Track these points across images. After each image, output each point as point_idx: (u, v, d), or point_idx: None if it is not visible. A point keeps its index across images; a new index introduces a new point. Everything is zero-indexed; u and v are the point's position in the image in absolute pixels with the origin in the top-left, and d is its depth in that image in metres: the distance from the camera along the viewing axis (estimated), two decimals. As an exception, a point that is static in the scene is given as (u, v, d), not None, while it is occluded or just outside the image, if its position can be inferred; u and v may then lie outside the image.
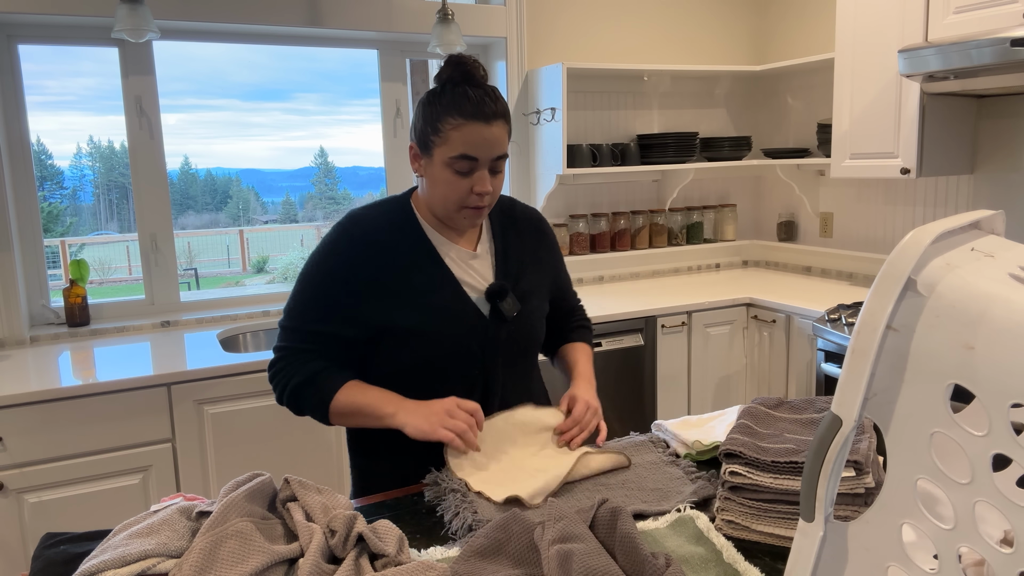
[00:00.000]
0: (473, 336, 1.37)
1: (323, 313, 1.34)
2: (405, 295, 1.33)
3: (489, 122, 1.27)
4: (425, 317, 1.33)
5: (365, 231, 1.36)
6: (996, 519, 0.71)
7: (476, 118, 1.26)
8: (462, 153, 1.27)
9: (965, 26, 2.36)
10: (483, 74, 1.32)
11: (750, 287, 3.20)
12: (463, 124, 1.26)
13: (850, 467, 0.99)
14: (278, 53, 2.73)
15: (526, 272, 1.45)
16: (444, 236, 1.40)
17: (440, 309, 1.35)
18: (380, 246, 1.34)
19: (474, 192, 1.30)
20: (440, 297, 1.35)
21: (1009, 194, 2.71)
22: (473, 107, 1.26)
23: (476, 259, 1.41)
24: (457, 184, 1.29)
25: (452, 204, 1.32)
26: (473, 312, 1.37)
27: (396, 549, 0.94)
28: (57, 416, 2.04)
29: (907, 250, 0.59)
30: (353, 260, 1.33)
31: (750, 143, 3.51)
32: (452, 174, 1.29)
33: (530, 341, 1.47)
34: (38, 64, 2.64)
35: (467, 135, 1.26)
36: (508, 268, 1.43)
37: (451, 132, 1.27)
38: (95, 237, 11.04)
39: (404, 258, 1.35)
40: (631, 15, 3.41)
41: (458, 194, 1.30)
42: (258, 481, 1.02)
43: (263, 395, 2.29)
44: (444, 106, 1.27)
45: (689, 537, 1.04)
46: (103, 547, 0.92)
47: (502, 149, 1.30)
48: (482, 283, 1.39)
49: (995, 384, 0.54)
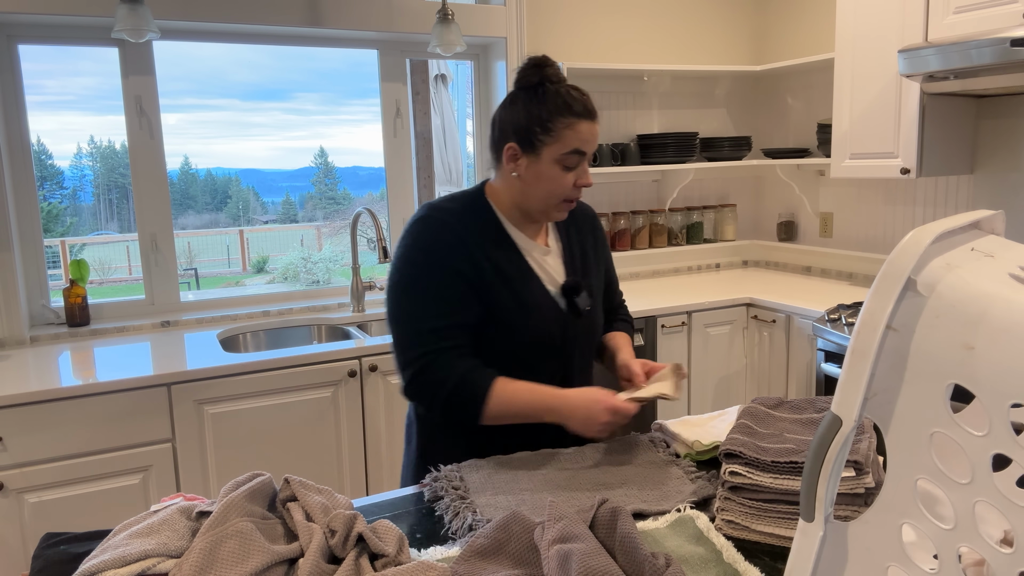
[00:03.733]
0: (556, 329, 1.43)
1: (443, 303, 1.34)
2: (497, 287, 1.38)
3: (593, 119, 1.37)
4: (514, 310, 1.38)
5: (451, 219, 1.39)
6: (996, 519, 0.71)
7: (584, 116, 1.36)
8: (575, 148, 1.35)
9: (965, 26, 2.36)
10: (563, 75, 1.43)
11: (750, 287, 3.20)
12: (576, 122, 1.35)
13: (850, 467, 0.99)
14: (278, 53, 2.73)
15: (588, 267, 1.53)
16: (521, 231, 1.46)
17: (528, 303, 1.40)
18: (468, 238, 1.38)
19: (577, 185, 1.39)
20: (527, 291, 1.41)
21: (1009, 194, 2.71)
22: (581, 106, 1.35)
23: (548, 255, 1.48)
24: (563, 179, 1.37)
25: (555, 198, 1.39)
26: (553, 306, 1.43)
27: (396, 549, 0.94)
28: (57, 416, 2.04)
29: (907, 250, 0.59)
30: (453, 246, 1.36)
31: (750, 143, 3.51)
32: (560, 170, 1.37)
33: (596, 334, 1.54)
34: (38, 64, 2.63)
35: (580, 132, 1.35)
36: (575, 264, 1.50)
37: (564, 131, 1.35)
38: (95, 237, 11.03)
39: (491, 251, 1.40)
40: (631, 15, 3.41)
41: (563, 188, 1.38)
42: (258, 481, 1.01)
43: (263, 395, 2.29)
44: (554, 107, 1.35)
45: (689, 537, 1.04)
46: (103, 547, 0.92)
47: (597, 144, 1.44)
48: (556, 278, 1.46)
49: (995, 384, 0.54)
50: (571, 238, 1.53)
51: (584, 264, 1.52)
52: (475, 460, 1.30)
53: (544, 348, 1.42)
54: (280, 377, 2.30)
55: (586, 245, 1.55)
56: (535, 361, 1.42)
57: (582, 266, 1.51)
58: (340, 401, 2.41)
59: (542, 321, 1.41)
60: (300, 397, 2.35)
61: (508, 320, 1.38)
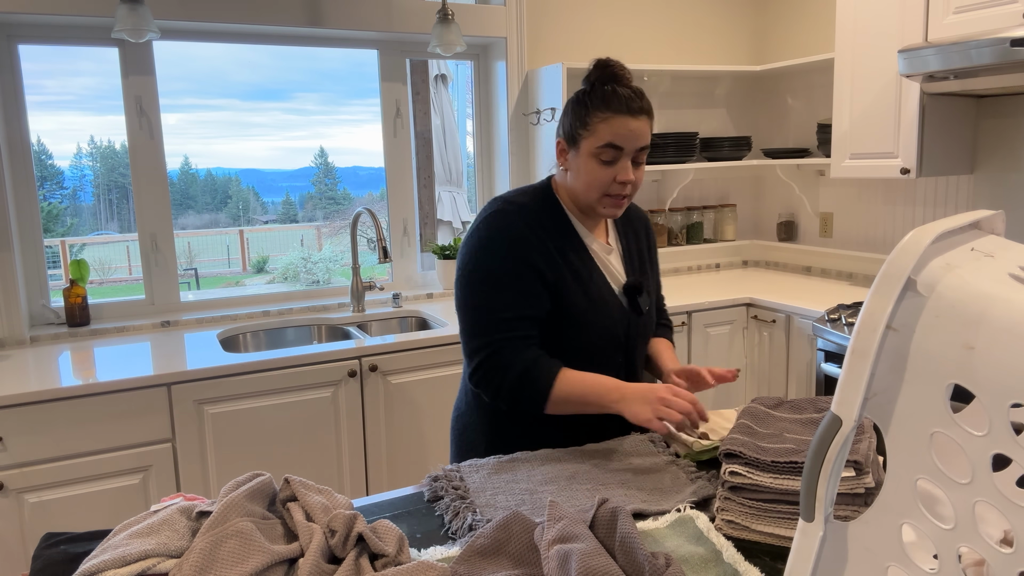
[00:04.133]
0: (620, 326, 1.46)
1: (517, 298, 1.37)
2: (567, 280, 1.41)
3: (635, 116, 1.36)
4: (584, 304, 1.41)
5: (527, 210, 1.42)
6: (996, 519, 0.71)
7: (622, 112, 1.35)
8: (608, 142, 1.35)
9: (965, 26, 2.36)
10: (629, 75, 1.40)
11: (750, 287, 3.20)
12: (611, 117, 1.35)
13: (850, 467, 0.99)
14: (278, 53, 2.73)
15: (644, 268, 1.56)
16: (586, 228, 1.48)
17: (595, 298, 1.43)
18: (541, 231, 1.41)
19: (617, 180, 1.38)
20: (594, 286, 1.44)
21: (1009, 194, 2.71)
22: (620, 102, 1.36)
23: (611, 253, 1.51)
24: (601, 173, 1.38)
25: (595, 192, 1.39)
26: (618, 304, 1.47)
27: (396, 549, 0.94)
28: (57, 416, 2.04)
29: (907, 250, 0.59)
30: (526, 240, 1.39)
31: (750, 143, 3.51)
32: (598, 164, 1.37)
33: (650, 334, 1.58)
34: (38, 64, 2.63)
35: (614, 127, 1.35)
36: (633, 264, 1.53)
37: (599, 125, 1.36)
38: (95, 237, 11.02)
39: (560, 244, 1.42)
40: (631, 15, 3.41)
41: (601, 182, 1.38)
42: (258, 481, 1.01)
43: (263, 395, 2.29)
44: (594, 103, 1.37)
45: (689, 537, 1.04)
46: (103, 547, 0.92)
47: (645, 141, 1.38)
48: (617, 277, 1.50)
49: (995, 384, 0.54)
50: (629, 239, 1.57)
51: (641, 264, 1.56)
52: (475, 460, 1.31)
53: (610, 345, 1.46)
54: (280, 377, 2.30)
55: (641, 246, 1.59)
56: (601, 357, 1.46)
57: (639, 266, 1.55)
58: (340, 401, 2.41)
59: (609, 318, 1.44)
60: (300, 397, 2.35)
61: (578, 316, 1.41)
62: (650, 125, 1.40)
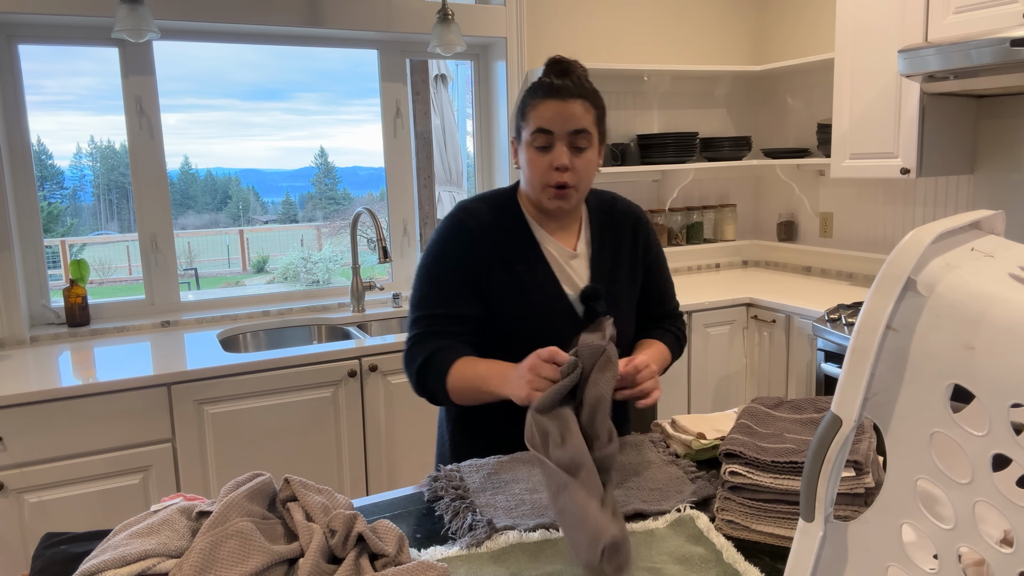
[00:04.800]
0: (565, 334, 1.38)
1: (442, 296, 1.39)
2: (508, 285, 1.39)
3: (564, 99, 1.33)
4: (522, 310, 1.39)
5: (476, 219, 1.42)
6: (996, 519, 0.71)
7: (552, 96, 1.34)
8: (538, 127, 1.34)
9: (965, 26, 2.36)
10: (577, 68, 1.38)
11: (750, 287, 3.20)
12: (540, 102, 1.34)
13: (850, 467, 0.99)
14: (278, 53, 2.73)
15: (619, 274, 1.48)
16: (546, 231, 1.44)
17: (536, 304, 1.39)
18: (489, 234, 1.41)
19: (553, 167, 1.34)
20: (538, 292, 1.40)
21: (1009, 194, 2.71)
22: (552, 88, 1.34)
23: (575, 258, 1.45)
24: (538, 161, 1.36)
25: (538, 183, 1.37)
26: (567, 311, 1.41)
27: (396, 549, 0.94)
28: (57, 416, 2.04)
29: (907, 250, 0.59)
30: (466, 246, 1.40)
31: (750, 143, 3.51)
32: (535, 152, 1.36)
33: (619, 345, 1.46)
34: (38, 64, 2.64)
35: (542, 111, 1.34)
36: (602, 269, 1.46)
37: (531, 112, 1.36)
38: (95, 237, 11.02)
39: (510, 248, 1.41)
40: (631, 15, 3.41)
41: (540, 171, 1.36)
42: (258, 481, 1.01)
43: (263, 395, 2.29)
44: (530, 94, 1.37)
45: (689, 537, 1.04)
46: (103, 547, 0.92)
47: (578, 124, 1.34)
48: (579, 282, 1.44)
49: (995, 384, 0.54)
50: (603, 241, 1.48)
51: (613, 270, 1.47)
52: (475, 460, 1.31)
53: None
54: (280, 377, 2.30)
55: (621, 249, 1.49)
56: None
57: (610, 271, 1.47)
58: (340, 401, 2.41)
59: (549, 326, 1.39)
60: (300, 397, 2.35)
61: (513, 323, 1.39)
62: (588, 109, 1.35)
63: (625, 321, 1.47)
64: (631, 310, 1.50)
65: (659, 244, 1.58)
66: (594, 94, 1.38)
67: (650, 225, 1.56)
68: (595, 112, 1.37)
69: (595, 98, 1.38)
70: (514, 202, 1.46)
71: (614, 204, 1.53)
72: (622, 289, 1.47)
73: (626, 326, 1.48)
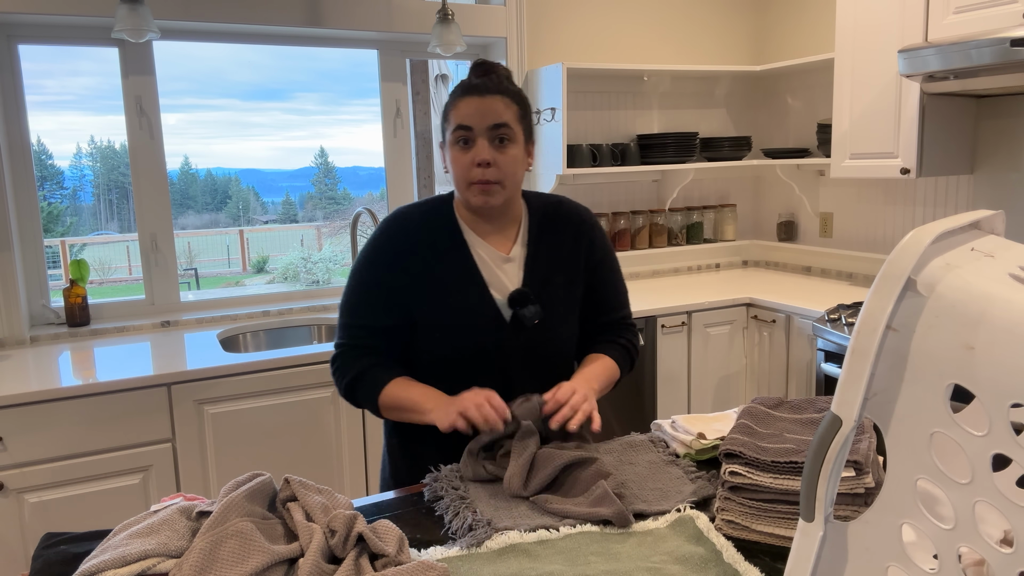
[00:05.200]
0: (489, 339, 1.38)
1: (367, 306, 1.40)
2: (433, 290, 1.38)
3: (482, 95, 1.34)
4: (445, 314, 1.38)
5: (405, 227, 1.42)
6: (996, 519, 0.71)
7: (470, 93, 1.34)
8: (459, 124, 1.34)
9: (965, 26, 2.36)
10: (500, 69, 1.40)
11: (750, 287, 3.20)
12: (458, 100, 1.35)
13: (850, 467, 0.99)
14: (278, 53, 2.73)
15: (556, 278, 1.43)
16: (479, 235, 1.42)
17: (461, 308, 1.38)
18: (417, 242, 1.40)
19: (475, 163, 1.34)
20: (464, 296, 1.38)
21: (1009, 194, 2.71)
22: (470, 86, 1.35)
23: (509, 263, 1.42)
24: (461, 158, 1.35)
25: (462, 181, 1.37)
26: (493, 315, 1.39)
27: (396, 549, 0.94)
28: (57, 416, 2.04)
29: (907, 250, 0.59)
30: (393, 253, 1.39)
31: (750, 143, 3.51)
32: (458, 151, 1.35)
33: (552, 351, 1.44)
34: (38, 64, 2.64)
35: (461, 108, 1.34)
36: (536, 273, 1.42)
37: (451, 112, 1.36)
38: (95, 237, 11.03)
39: (438, 254, 1.40)
40: (631, 15, 3.41)
41: (463, 169, 1.35)
42: (258, 481, 1.01)
43: (263, 395, 2.29)
44: (452, 95, 1.37)
45: (689, 537, 1.04)
46: (103, 547, 0.92)
47: (498, 118, 1.34)
48: (509, 286, 1.41)
49: (995, 384, 0.54)
50: (541, 246, 1.44)
51: (549, 275, 1.42)
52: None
53: (478, 358, 1.38)
54: (280, 377, 2.30)
55: (560, 252, 1.44)
56: (468, 371, 1.37)
57: (546, 276, 1.42)
58: (340, 401, 2.40)
59: (472, 331, 1.37)
60: (300, 397, 2.35)
61: (431, 328, 1.39)
62: (509, 104, 1.34)
63: (563, 325, 1.44)
64: (570, 316, 1.45)
65: (610, 250, 1.52)
66: (516, 93, 1.38)
67: (598, 229, 1.50)
68: (517, 108, 1.37)
69: (517, 96, 1.38)
70: (448, 207, 1.44)
71: (559, 207, 1.48)
72: (557, 294, 1.42)
73: (564, 329, 1.44)
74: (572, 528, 1.07)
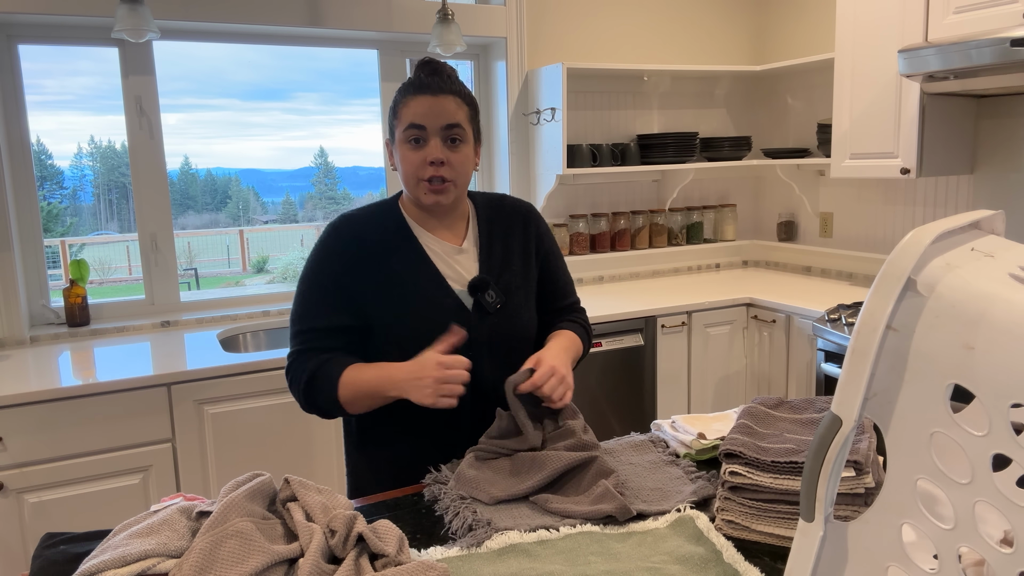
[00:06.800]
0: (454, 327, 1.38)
1: (320, 309, 1.38)
2: (388, 288, 1.38)
3: (436, 94, 1.34)
4: (405, 309, 1.37)
5: (353, 228, 1.42)
6: (996, 519, 0.71)
7: (422, 92, 1.34)
8: (410, 123, 1.34)
9: (965, 26, 2.36)
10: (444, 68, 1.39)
11: (750, 287, 3.20)
12: (410, 99, 1.35)
13: (850, 467, 0.99)
14: (278, 53, 2.73)
15: (511, 266, 1.47)
16: (428, 230, 1.44)
17: (421, 301, 1.38)
18: (367, 242, 1.40)
19: (427, 162, 1.35)
20: (421, 290, 1.39)
21: (1009, 194, 2.71)
22: (421, 84, 1.35)
23: (462, 254, 1.44)
24: (413, 156, 1.36)
25: (413, 179, 1.37)
26: (454, 305, 1.40)
27: (396, 549, 0.94)
28: (57, 416, 2.04)
29: (907, 250, 0.59)
30: (342, 256, 1.39)
31: (750, 143, 3.51)
32: (409, 149, 1.36)
33: (516, 335, 1.46)
34: (38, 64, 2.63)
35: (413, 107, 1.34)
36: (492, 261, 1.45)
37: (402, 110, 1.36)
38: (95, 237, 11.02)
39: (389, 252, 1.40)
40: (631, 15, 3.41)
41: (414, 167, 1.36)
42: (258, 481, 1.01)
43: (263, 395, 2.29)
44: (401, 92, 1.37)
45: (689, 537, 1.04)
46: (103, 547, 0.92)
47: (451, 118, 1.35)
48: (466, 276, 1.42)
49: (995, 384, 0.54)
50: (493, 235, 1.48)
51: (505, 262, 1.46)
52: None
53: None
54: (280, 377, 2.30)
55: (511, 242, 1.49)
56: None
57: (502, 262, 1.46)
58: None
59: (435, 319, 1.37)
60: (300, 397, 2.34)
61: (392, 326, 1.37)
62: (462, 107, 1.36)
63: (522, 310, 1.46)
64: (528, 301, 1.48)
65: (553, 240, 1.57)
66: (467, 94, 1.39)
67: (543, 221, 1.56)
68: (468, 109, 1.38)
69: (467, 96, 1.39)
70: (395, 207, 1.45)
71: (502, 201, 1.54)
72: (515, 280, 1.46)
73: (524, 314, 1.47)
74: (572, 528, 1.07)
